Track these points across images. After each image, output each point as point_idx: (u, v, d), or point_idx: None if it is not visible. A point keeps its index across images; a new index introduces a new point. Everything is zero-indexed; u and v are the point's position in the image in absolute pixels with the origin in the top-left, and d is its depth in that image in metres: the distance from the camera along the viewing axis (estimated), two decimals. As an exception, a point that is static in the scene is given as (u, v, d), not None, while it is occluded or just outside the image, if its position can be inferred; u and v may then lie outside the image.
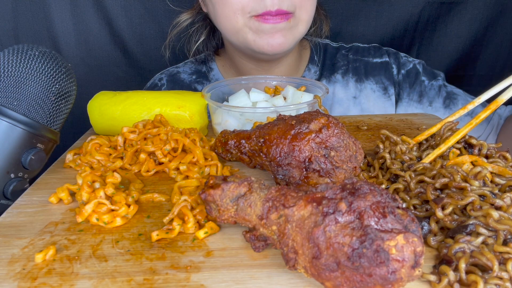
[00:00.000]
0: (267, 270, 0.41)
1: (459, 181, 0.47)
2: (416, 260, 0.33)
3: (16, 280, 0.41)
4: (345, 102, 1.02)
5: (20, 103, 0.56)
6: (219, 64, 1.08)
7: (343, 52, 1.05)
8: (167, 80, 1.07)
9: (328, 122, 0.50)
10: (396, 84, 1.02)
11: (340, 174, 0.50)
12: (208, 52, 1.08)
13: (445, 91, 1.02)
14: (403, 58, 1.05)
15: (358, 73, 1.03)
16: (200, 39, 1.04)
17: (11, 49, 0.59)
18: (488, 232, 0.42)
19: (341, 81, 1.03)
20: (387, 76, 1.02)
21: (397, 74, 1.02)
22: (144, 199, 0.55)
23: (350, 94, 1.02)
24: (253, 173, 0.62)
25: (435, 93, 1.01)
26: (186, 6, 1.05)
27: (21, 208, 0.54)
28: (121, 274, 0.41)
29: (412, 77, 1.02)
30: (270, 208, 0.40)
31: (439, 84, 1.02)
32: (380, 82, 1.02)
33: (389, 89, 1.02)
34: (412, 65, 1.03)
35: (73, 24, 1.23)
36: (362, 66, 1.04)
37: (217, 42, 1.07)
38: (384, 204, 0.35)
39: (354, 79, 1.03)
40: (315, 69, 1.04)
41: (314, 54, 1.05)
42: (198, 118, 0.72)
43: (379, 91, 1.01)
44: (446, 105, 1.00)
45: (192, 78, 1.07)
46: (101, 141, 0.65)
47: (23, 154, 0.56)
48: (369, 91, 1.02)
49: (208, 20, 1.02)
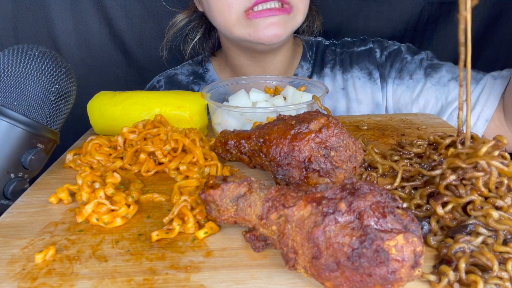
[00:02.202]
0: (267, 270, 0.41)
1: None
2: (416, 260, 0.33)
3: (16, 280, 0.41)
4: (334, 95, 1.02)
5: (20, 103, 0.56)
6: (215, 64, 1.09)
7: (332, 48, 1.06)
8: (165, 81, 1.09)
9: (328, 122, 0.50)
10: (380, 66, 1.01)
11: (340, 174, 0.50)
12: (205, 53, 1.09)
13: (428, 63, 0.98)
14: (388, 42, 1.05)
15: (344, 64, 1.03)
16: (196, 37, 1.05)
17: (11, 49, 0.59)
18: (488, 232, 0.42)
19: (329, 74, 1.04)
20: (371, 60, 1.02)
21: (380, 56, 1.02)
22: (144, 199, 0.55)
23: (338, 86, 1.02)
24: (253, 173, 0.62)
25: (416, 66, 0.98)
26: (182, 6, 1.06)
27: (21, 208, 0.54)
28: (121, 274, 0.41)
29: (393, 56, 1.01)
30: (270, 208, 0.40)
31: (420, 57, 0.99)
32: (365, 68, 1.01)
33: (373, 73, 1.01)
34: (396, 47, 1.02)
35: (73, 24, 1.23)
36: (347, 57, 1.04)
37: (213, 43, 1.08)
38: (384, 204, 0.35)
39: (341, 71, 1.03)
40: (308, 66, 1.05)
41: (306, 51, 1.06)
42: (198, 118, 0.72)
43: (365, 77, 1.01)
44: (427, 74, 0.96)
45: (189, 79, 1.08)
46: (101, 141, 0.65)
47: (23, 154, 0.56)
48: (355, 79, 1.02)
49: (204, 18, 1.03)
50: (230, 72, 1.07)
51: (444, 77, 0.94)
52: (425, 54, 1.01)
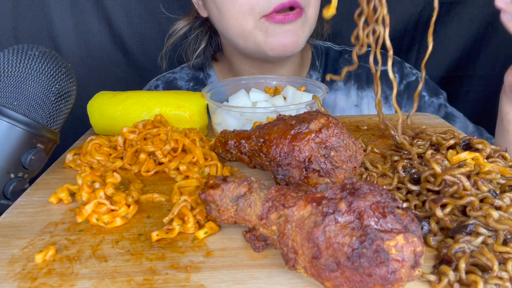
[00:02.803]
0: (267, 270, 0.41)
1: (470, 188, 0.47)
2: (416, 260, 0.33)
3: (16, 280, 0.41)
4: (346, 111, 0.99)
5: (20, 103, 0.56)
6: (217, 69, 1.05)
7: (346, 57, 1.02)
8: (164, 87, 1.04)
9: (328, 122, 0.50)
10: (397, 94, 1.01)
11: (340, 174, 0.50)
12: (206, 57, 1.03)
13: (445, 111, 0.99)
14: (407, 68, 1.02)
15: (360, 80, 1.00)
16: (201, 46, 1.00)
17: (11, 49, 0.59)
18: (488, 232, 0.42)
19: (343, 88, 1.00)
20: (389, 85, 1.01)
21: (398, 83, 0.99)
22: (144, 199, 0.55)
23: (351, 102, 0.99)
24: (253, 173, 0.62)
25: (434, 110, 0.98)
26: (182, 12, 1.03)
27: (21, 208, 0.54)
28: (121, 274, 0.41)
29: (412, 90, 0.99)
30: (270, 208, 0.40)
31: (439, 102, 0.99)
32: (382, 91, 1.00)
33: (390, 99, 0.99)
34: (414, 78, 1.00)
35: (73, 24, 1.23)
36: (364, 73, 1.00)
37: (215, 48, 1.04)
38: (384, 204, 0.35)
39: (356, 86, 1.00)
40: (317, 75, 1.01)
41: (315, 59, 1.02)
42: (198, 118, 0.72)
43: (381, 100, 1.00)
44: None
45: (189, 86, 1.04)
46: (101, 141, 0.65)
47: (23, 154, 0.56)
48: (370, 99, 0.99)
49: (208, 25, 0.98)
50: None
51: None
52: (443, 98, 0.99)
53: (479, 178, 0.48)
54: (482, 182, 0.47)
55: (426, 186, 0.50)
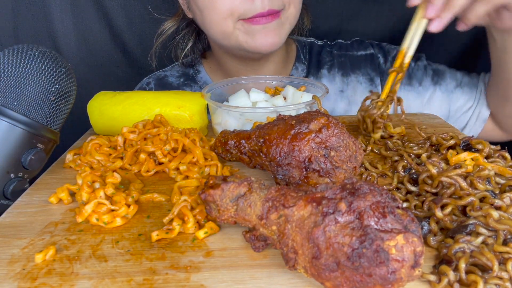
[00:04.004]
0: (267, 270, 0.41)
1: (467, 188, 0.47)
2: (416, 260, 0.33)
3: (16, 280, 0.41)
4: (332, 97, 1.02)
5: (20, 103, 0.56)
6: (206, 66, 1.08)
7: (327, 49, 1.06)
8: (155, 84, 1.07)
9: (328, 122, 0.50)
10: (384, 73, 1.02)
11: (340, 174, 0.50)
12: (195, 55, 1.08)
13: (431, 69, 1.03)
14: (386, 46, 1.06)
15: (344, 67, 1.03)
16: (188, 46, 1.04)
17: (11, 49, 0.59)
18: (488, 232, 0.42)
19: (327, 75, 1.04)
20: (372, 67, 1.03)
21: (384, 62, 1.03)
22: (144, 199, 0.55)
23: (336, 88, 1.03)
24: (253, 173, 0.62)
25: (422, 72, 1.02)
26: (170, 13, 1.05)
27: (21, 208, 0.54)
28: (121, 274, 0.41)
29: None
30: (270, 208, 0.40)
31: (423, 64, 1.02)
32: (366, 74, 1.02)
33: (375, 80, 1.02)
34: (396, 51, 1.03)
35: (73, 24, 1.23)
36: (347, 60, 1.04)
37: (203, 46, 1.08)
38: (384, 204, 0.35)
39: (340, 73, 1.03)
40: (302, 67, 1.05)
41: (300, 52, 1.06)
42: (198, 118, 0.72)
43: (366, 82, 1.02)
44: (435, 82, 1.00)
45: (180, 81, 1.07)
46: (101, 141, 0.65)
47: (23, 154, 0.56)
48: (355, 83, 1.02)
49: (194, 25, 1.02)
50: (222, 75, 1.06)
51: (450, 84, 0.99)
52: (424, 57, 1.03)
53: (474, 177, 0.48)
54: (478, 181, 0.48)
55: (424, 187, 0.50)
